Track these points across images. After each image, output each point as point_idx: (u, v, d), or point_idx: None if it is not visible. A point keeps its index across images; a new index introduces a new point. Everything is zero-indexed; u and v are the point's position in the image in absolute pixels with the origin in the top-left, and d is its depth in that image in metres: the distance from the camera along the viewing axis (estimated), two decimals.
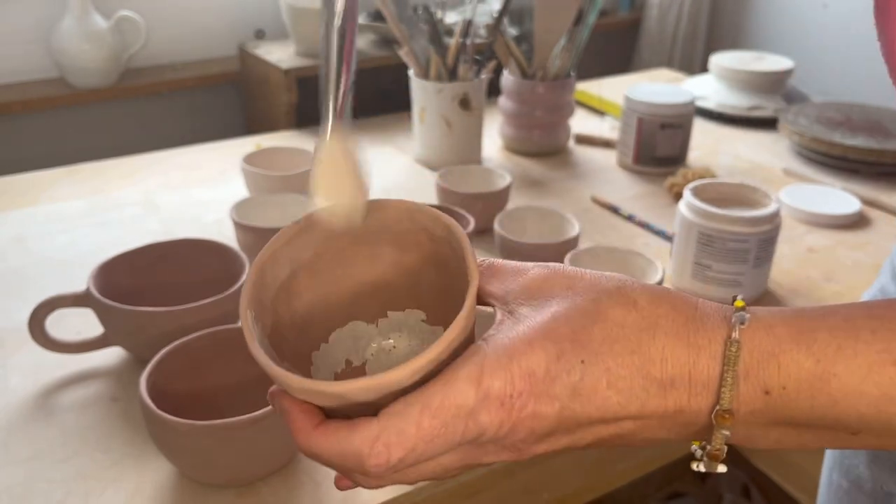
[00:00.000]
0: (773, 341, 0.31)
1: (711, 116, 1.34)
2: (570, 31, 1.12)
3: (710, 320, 0.32)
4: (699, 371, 0.31)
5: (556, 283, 0.33)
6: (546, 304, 0.33)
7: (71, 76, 1.71)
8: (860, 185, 1.11)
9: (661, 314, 0.32)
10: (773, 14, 2.49)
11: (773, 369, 0.31)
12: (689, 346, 0.31)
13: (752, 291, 0.82)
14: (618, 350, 0.31)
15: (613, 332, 0.31)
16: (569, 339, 0.31)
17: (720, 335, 0.31)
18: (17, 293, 0.80)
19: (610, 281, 0.34)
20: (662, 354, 0.31)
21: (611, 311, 0.32)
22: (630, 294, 0.33)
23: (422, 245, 0.37)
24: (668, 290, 0.34)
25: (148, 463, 0.59)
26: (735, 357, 0.31)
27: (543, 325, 0.31)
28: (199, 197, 1.03)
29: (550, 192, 1.08)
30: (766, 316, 0.32)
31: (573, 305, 0.32)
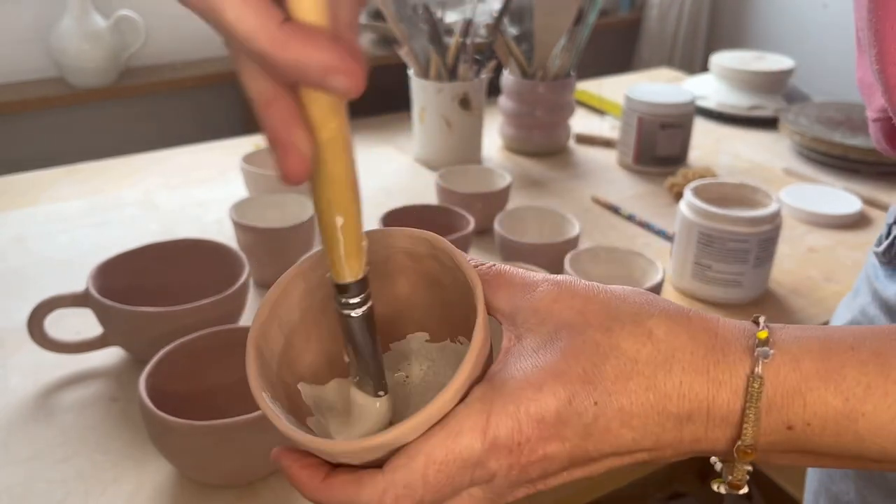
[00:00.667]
0: (798, 378, 0.30)
1: (712, 116, 1.34)
2: (570, 31, 1.12)
3: (732, 351, 0.30)
4: (718, 405, 0.30)
5: (566, 306, 0.32)
6: (555, 336, 0.31)
7: (70, 76, 1.71)
8: (861, 185, 1.11)
9: (678, 346, 0.30)
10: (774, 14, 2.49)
11: (798, 406, 0.30)
12: (708, 380, 0.30)
13: (752, 291, 0.81)
14: (632, 388, 0.30)
15: (627, 367, 0.30)
16: (580, 380, 0.30)
17: (742, 369, 0.30)
18: (17, 293, 0.80)
19: (624, 305, 0.32)
20: (679, 390, 0.30)
21: (624, 344, 0.30)
22: (645, 323, 0.31)
23: (405, 268, 0.36)
24: (686, 314, 0.32)
25: (147, 463, 0.59)
26: (758, 393, 0.30)
27: (553, 367, 0.30)
28: (199, 197, 1.03)
29: (550, 192, 1.08)
30: (792, 346, 0.30)
31: (584, 339, 0.30)
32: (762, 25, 2.53)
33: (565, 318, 0.31)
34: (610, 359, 0.30)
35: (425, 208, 0.87)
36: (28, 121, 1.74)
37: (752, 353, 0.30)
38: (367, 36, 1.88)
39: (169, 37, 1.86)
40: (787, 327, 0.32)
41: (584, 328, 0.31)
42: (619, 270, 0.79)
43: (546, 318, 0.32)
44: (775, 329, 0.31)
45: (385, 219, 0.83)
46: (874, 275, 0.56)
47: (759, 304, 0.83)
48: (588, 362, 0.30)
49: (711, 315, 0.32)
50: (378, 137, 1.24)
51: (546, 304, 0.32)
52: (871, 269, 0.57)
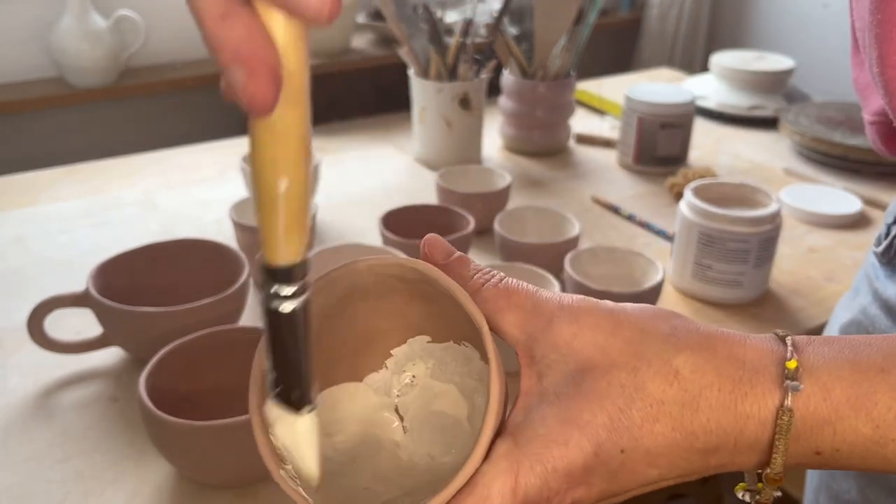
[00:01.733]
0: (829, 408, 0.29)
1: (712, 116, 1.34)
2: (570, 31, 1.12)
3: (760, 381, 0.30)
4: (746, 437, 0.30)
5: (588, 342, 0.30)
6: (579, 378, 0.30)
7: (70, 76, 1.71)
8: (861, 185, 1.11)
9: (704, 384, 0.30)
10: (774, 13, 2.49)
11: (827, 435, 0.29)
12: (736, 415, 0.29)
13: (752, 291, 0.81)
14: (658, 430, 0.29)
15: (653, 410, 0.29)
16: (606, 429, 0.29)
17: (771, 401, 0.29)
18: (17, 293, 0.80)
19: (648, 339, 0.30)
20: (706, 428, 0.29)
21: (650, 385, 0.30)
22: (672, 362, 0.30)
23: (397, 288, 0.35)
24: (712, 344, 0.31)
25: (147, 463, 0.59)
26: (788, 426, 0.29)
27: (578, 417, 0.29)
28: (199, 197, 1.03)
29: (550, 192, 1.08)
30: (822, 373, 0.30)
31: (609, 381, 0.30)
32: (762, 25, 2.53)
33: (587, 357, 0.30)
34: (636, 402, 0.29)
35: (425, 208, 0.87)
36: (27, 121, 1.74)
37: (781, 383, 0.30)
38: (367, 36, 1.88)
39: (169, 37, 1.86)
40: (814, 344, 0.31)
41: (608, 369, 0.30)
42: (620, 270, 0.79)
43: (567, 355, 0.31)
44: (803, 348, 0.31)
45: (385, 219, 0.83)
46: (874, 275, 0.56)
47: (760, 304, 0.83)
48: (614, 407, 0.29)
49: (737, 337, 0.31)
50: (378, 137, 1.24)
51: (566, 339, 0.31)
52: (871, 268, 0.56)
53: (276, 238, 0.26)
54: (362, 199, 1.03)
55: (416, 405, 0.37)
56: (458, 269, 0.33)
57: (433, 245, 0.34)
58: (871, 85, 0.49)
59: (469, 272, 0.33)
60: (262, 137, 0.25)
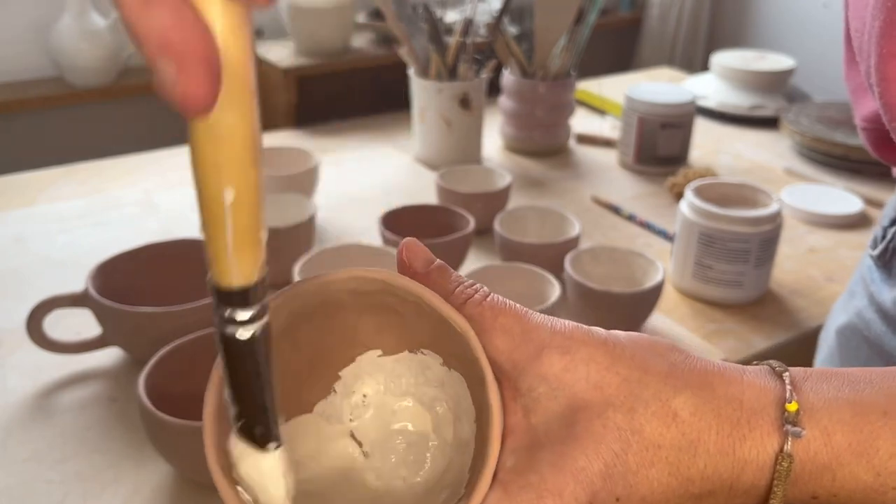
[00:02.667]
0: (829, 454, 0.28)
1: (712, 116, 1.34)
2: (570, 30, 1.12)
3: (759, 424, 0.29)
4: (742, 482, 0.29)
5: (580, 377, 0.29)
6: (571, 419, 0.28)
7: (69, 75, 1.71)
8: (862, 185, 1.11)
9: (703, 428, 0.29)
10: (775, 13, 2.49)
11: (826, 480, 0.29)
12: (734, 461, 0.29)
13: (753, 292, 0.81)
14: (654, 475, 0.28)
15: (650, 455, 0.28)
16: (601, 477, 0.28)
17: (770, 446, 0.28)
18: (16, 293, 0.80)
19: (645, 378, 0.29)
20: (703, 474, 0.29)
21: (647, 428, 0.28)
22: (671, 403, 0.29)
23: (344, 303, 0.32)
24: (710, 383, 0.29)
25: (146, 464, 0.59)
26: (787, 472, 0.28)
27: (572, 465, 0.28)
28: None
29: (551, 191, 1.08)
30: (823, 417, 0.29)
31: (604, 423, 0.28)
32: (763, 25, 2.53)
33: (580, 394, 0.29)
34: (632, 446, 0.28)
35: (425, 208, 0.87)
36: (27, 120, 1.74)
37: (781, 426, 0.29)
38: (366, 35, 1.88)
39: None
40: (812, 381, 0.30)
41: (603, 409, 0.28)
42: (620, 270, 0.79)
43: (557, 388, 0.29)
44: (801, 387, 0.30)
45: (384, 219, 0.83)
46: (870, 278, 0.56)
47: (760, 304, 0.83)
48: (609, 453, 0.28)
49: (734, 373, 0.30)
50: (378, 137, 1.24)
51: (556, 372, 0.29)
52: (867, 271, 0.56)
53: (225, 257, 0.23)
54: (362, 199, 1.03)
55: (373, 427, 0.34)
56: (438, 280, 0.31)
57: (412, 251, 0.31)
58: (861, 87, 0.49)
59: (451, 284, 0.31)
60: (201, 142, 0.21)
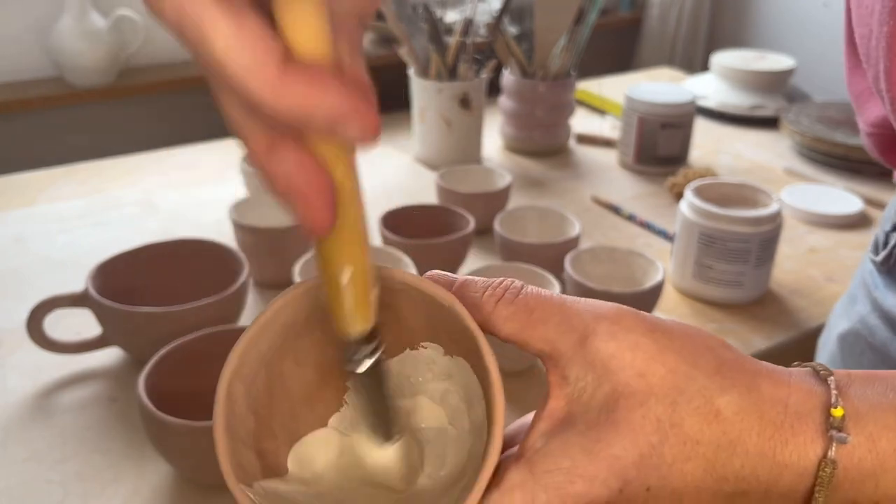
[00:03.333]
0: (874, 460, 0.28)
1: (712, 116, 1.34)
2: (570, 30, 1.12)
3: (803, 429, 0.28)
4: (780, 487, 0.28)
5: (625, 363, 0.28)
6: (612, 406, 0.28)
7: (69, 75, 1.71)
8: (862, 185, 1.11)
9: (744, 428, 0.28)
10: (775, 13, 2.49)
11: (869, 488, 0.28)
12: (773, 464, 0.28)
13: (753, 292, 0.81)
14: (688, 470, 0.27)
15: (687, 449, 0.27)
16: (635, 466, 0.27)
17: (813, 452, 0.27)
18: (16, 293, 0.80)
19: (693, 372, 0.28)
20: (739, 474, 0.28)
21: (688, 422, 0.27)
22: (715, 402, 0.28)
23: None
24: (758, 385, 0.28)
25: (146, 464, 0.59)
26: (829, 478, 0.27)
27: (608, 453, 0.27)
28: (199, 197, 1.03)
29: (551, 191, 1.08)
30: (869, 423, 0.28)
31: (644, 413, 0.27)
32: (763, 25, 2.53)
33: (623, 381, 0.28)
34: (670, 439, 0.27)
35: (425, 208, 0.87)
36: (27, 120, 1.74)
37: (825, 431, 0.28)
38: (367, 35, 1.88)
39: (168, 36, 1.85)
40: (856, 384, 0.29)
41: (645, 398, 0.27)
42: (620, 270, 0.79)
43: (602, 377, 0.28)
44: (846, 392, 0.29)
45: (385, 219, 0.83)
46: (872, 283, 0.55)
47: (760, 304, 0.83)
48: (646, 444, 0.27)
49: (781, 375, 0.29)
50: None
51: (602, 359, 0.28)
52: (869, 276, 0.56)
53: (344, 317, 0.27)
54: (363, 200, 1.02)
55: None
56: (466, 295, 0.30)
57: (434, 280, 0.31)
58: (866, 93, 0.48)
59: (478, 293, 0.30)
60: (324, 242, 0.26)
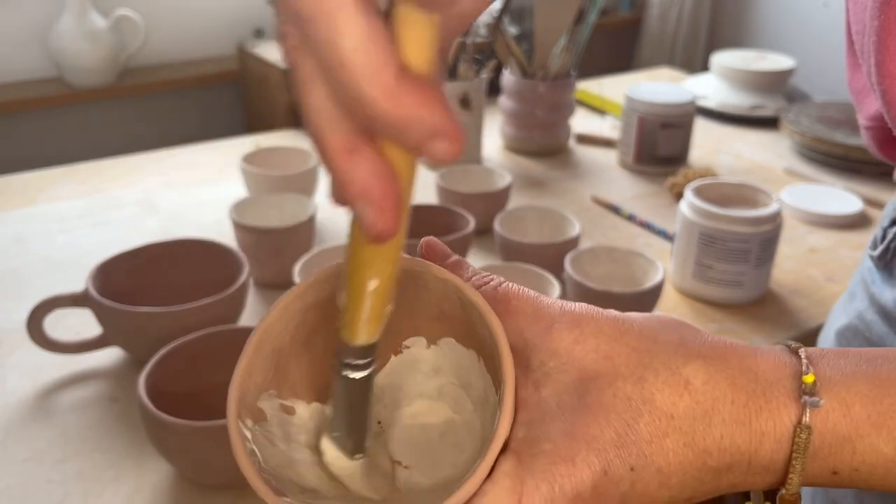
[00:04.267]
0: (849, 425, 0.28)
1: (712, 116, 1.34)
2: (570, 30, 1.12)
3: (775, 395, 0.28)
4: (761, 456, 0.28)
5: (590, 348, 0.29)
6: (582, 389, 0.28)
7: (69, 75, 1.71)
8: (862, 185, 1.11)
9: (717, 396, 0.28)
10: (775, 13, 2.49)
11: (846, 454, 0.28)
12: (750, 432, 0.28)
13: (753, 292, 0.81)
14: (669, 446, 0.28)
15: (663, 424, 0.28)
16: (613, 445, 0.27)
17: (787, 418, 0.28)
18: (16, 293, 0.80)
19: (655, 347, 0.29)
20: (720, 444, 0.28)
21: (658, 397, 0.28)
22: (681, 372, 0.28)
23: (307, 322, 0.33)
24: (723, 354, 0.29)
25: (146, 464, 0.59)
26: (806, 444, 0.28)
27: (584, 432, 0.27)
28: (199, 197, 1.03)
29: (551, 191, 1.08)
30: (841, 389, 0.28)
31: (614, 392, 0.28)
32: (763, 25, 2.53)
33: (590, 365, 0.29)
34: (644, 415, 0.28)
35: (425, 208, 0.87)
36: (27, 120, 1.74)
37: (798, 398, 0.28)
38: None
39: (168, 37, 1.86)
40: (829, 358, 0.30)
41: (612, 378, 0.28)
42: (620, 270, 0.79)
43: (567, 362, 0.29)
44: (818, 363, 0.29)
45: None
46: (870, 279, 0.55)
47: (760, 304, 0.83)
48: (620, 422, 0.28)
49: (748, 348, 0.30)
50: None
51: (566, 345, 0.29)
52: (867, 272, 0.56)
53: (357, 325, 0.28)
54: None
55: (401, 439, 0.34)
56: (455, 272, 0.32)
57: (431, 247, 0.33)
58: (865, 89, 0.49)
59: (466, 274, 0.32)
60: (362, 246, 0.26)
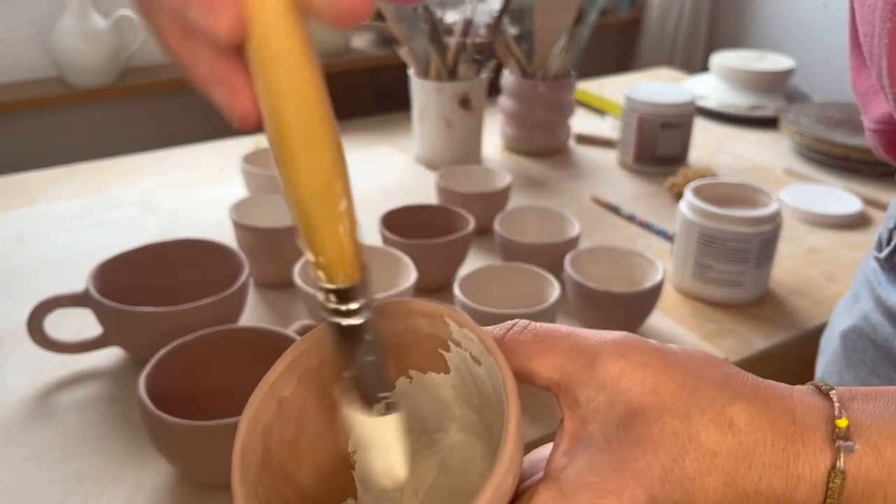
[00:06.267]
0: (881, 470, 0.28)
1: (712, 116, 1.34)
2: (570, 31, 1.12)
3: (812, 440, 0.29)
4: (795, 500, 0.29)
5: (636, 381, 0.29)
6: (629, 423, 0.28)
7: (69, 75, 1.71)
8: (861, 185, 1.11)
9: (759, 439, 0.29)
10: (775, 13, 2.49)
11: (878, 497, 0.29)
12: (787, 476, 0.29)
13: (753, 292, 0.81)
14: (710, 484, 0.28)
15: (706, 462, 0.28)
16: (660, 480, 0.28)
17: (823, 462, 0.28)
18: (16, 293, 0.80)
19: (701, 384, 0.29)
20: (758, 487, 0.29)
21: (704, 435, 0.28)
22: (727, 412, 0.29)
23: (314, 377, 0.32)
24: (764, 395, 0.29)
25: (147, 463, 0.59)
26: (840, 489, 0.28)
27: (632, 466, 0.28)
28: (199, 197, 1.03)
29: (550, 191, 1.08)
30: (873, 434, 0.29)
31: (661, 428, 0.28)
32: (763, 25, 2.53)
33: (636, 399, 0.29)
34: (689, 452, 0.28)
35: (425, 208, 0.87)
36: (27, 120, 1.74)
37: (832, 442, 0.29)
38: (367, 36, 1.88)
39: None
40: (859, 401, 0.30)
41: (659, 413, 0.28)
42: (620, 270, 0.79)
43: (615, 397, 0.29)
44: (849, 406, 0.30)
45: (384, 219, 0.83)
46: (876, 281, 0.55)
47: (760, 304, 0.83)
48: (667, 457, 0.28)
49: (784, 389, 0.30)
50: (378, 137, 1.24)
51: (612, 378, 0.29)
52: (873, 274, 0.56)
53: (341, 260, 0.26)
54: (362, 199, 1.02)
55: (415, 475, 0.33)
56: None
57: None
58: (871, 91, 0.48)
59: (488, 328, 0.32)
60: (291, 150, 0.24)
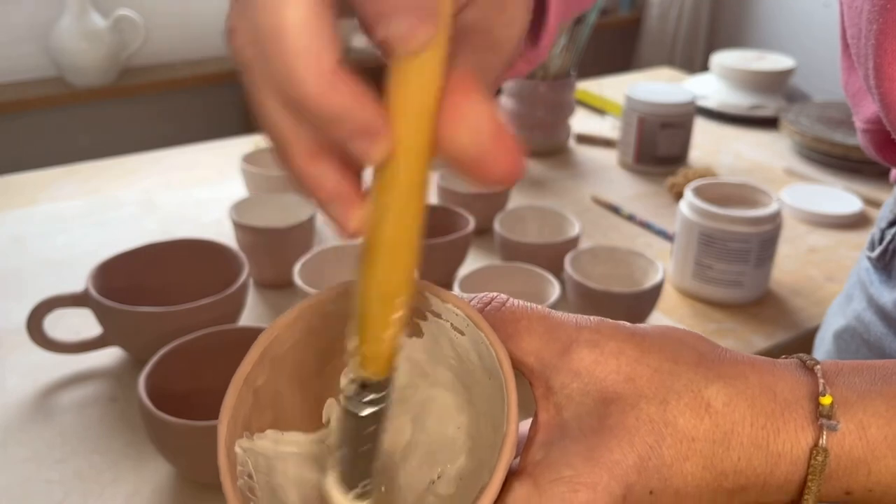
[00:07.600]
0: (865, 447, 0.28)
1: (712, 116, 1.34)
2: (570, 31, 1.12)
3: (793, 417, 0.28)
4: (776, 478, 0.28)
5: (611, 369, 0.28)
6: (604, 412, 0.28)
7: (69, 75, 1.71)
8: (861, 185, 1.11)
9: (737, 419, 0.28)
10: (775, 13, 2.49)
11: (861, 475, 0.28)
12: (767, 454, 0.28)
13: (753, 291, 0.81)
14: (688, 469, 0.28)
15: (684, 448, 0.28)
16: (635, 470, 0.27)
17: (804, 440, 0.28)
18: (16, 293, 0.80)
19: (677, 369, 0.29)
20: (737, 467, 0.28)
21: (681, 420, 0.28)
22: (703, 394, 0.28)
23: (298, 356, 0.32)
24: (743, 373, 0.29)
25: (146, 463, 0.59)
26: (822, 466, 0.28)
27: (607, 457, 0.27)
28: (198, 197, 1.03)
29: (551, 191, 1.08)
30: (858, 410, 0.28)
31: (637, 415, 0.28)
32: (763, 25, 2.53)
33: (611, 387, 0.28)
34: (666, 439, 0.28)
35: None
36: (27, 120, 1.74)
37: (815, 420, 0.28)
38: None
39: (168, 36, 1.86)
40: (844, 374, 0.30)
41: (636, 400, 0.28)
42: (620, 270, 0.79)
43: (589, 384, 0.29)
44: (834, 381, 0.29)
45: None
46: (868, 280, 0.55)
47: (760, 304, 0.83)
48: (643, 445, 0.27)
49: (766, 364, 0.30)
50: None
51: (587, 365, 0.29)
52: (865, 273, 0.56)
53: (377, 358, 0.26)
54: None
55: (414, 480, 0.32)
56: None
57: None
58: (861, 91, 0.48)
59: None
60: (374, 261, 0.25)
